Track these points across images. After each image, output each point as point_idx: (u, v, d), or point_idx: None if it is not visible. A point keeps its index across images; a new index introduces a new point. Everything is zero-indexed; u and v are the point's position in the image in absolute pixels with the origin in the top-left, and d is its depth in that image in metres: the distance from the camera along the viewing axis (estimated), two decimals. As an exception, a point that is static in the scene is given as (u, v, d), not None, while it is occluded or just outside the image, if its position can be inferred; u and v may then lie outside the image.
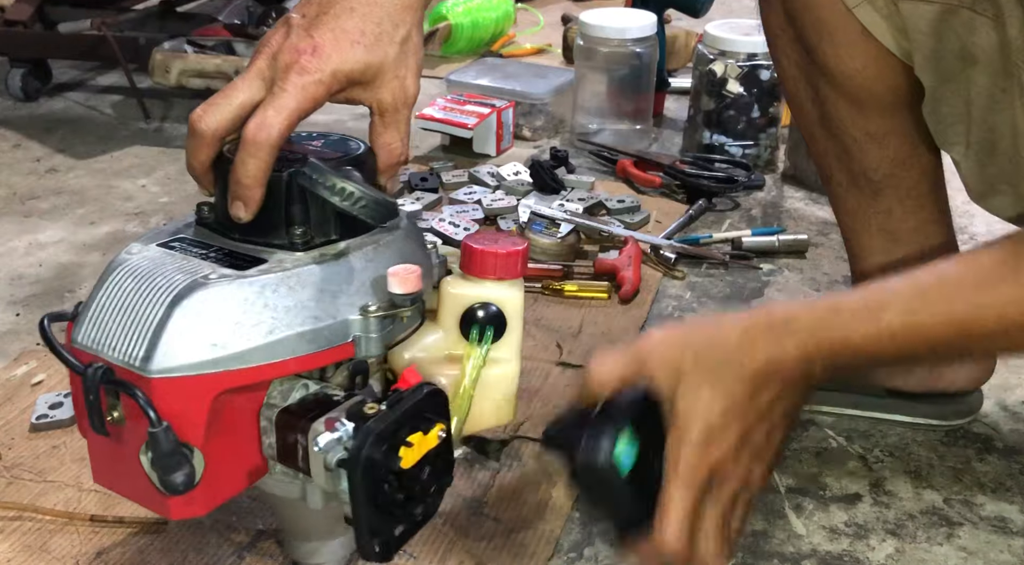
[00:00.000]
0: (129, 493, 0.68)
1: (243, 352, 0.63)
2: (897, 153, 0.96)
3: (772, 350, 0.67)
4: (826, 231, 1.45)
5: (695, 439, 0.66)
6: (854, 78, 0.92)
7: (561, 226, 1.37)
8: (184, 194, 1.59)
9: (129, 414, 0.63)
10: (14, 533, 0.88)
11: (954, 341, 0.67)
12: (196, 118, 0.67)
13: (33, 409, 1.03)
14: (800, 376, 0.68)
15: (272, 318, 0.64)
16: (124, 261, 0.66)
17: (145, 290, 0.64)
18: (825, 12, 0.90)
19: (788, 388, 0.68)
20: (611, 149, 1.67)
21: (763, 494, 0.94)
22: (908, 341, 0.66)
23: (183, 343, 0.62)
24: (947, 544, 0.89)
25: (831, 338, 0.67)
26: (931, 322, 0.66)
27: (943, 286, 0.67)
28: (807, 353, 0.67)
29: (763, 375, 0.67)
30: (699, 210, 1.49)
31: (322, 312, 0.65)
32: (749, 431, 0.67)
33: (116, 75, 2.09)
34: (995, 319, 0.64)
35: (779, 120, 1.65)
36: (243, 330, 0.63)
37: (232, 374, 0.63)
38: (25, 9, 1.94)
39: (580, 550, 0.88)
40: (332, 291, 0.66)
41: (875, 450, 1.01)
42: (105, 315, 0.64)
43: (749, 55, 1.58)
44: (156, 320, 0.62)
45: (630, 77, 1.72)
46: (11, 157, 1.75)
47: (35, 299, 1.29)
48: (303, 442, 0.64)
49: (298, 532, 0.79)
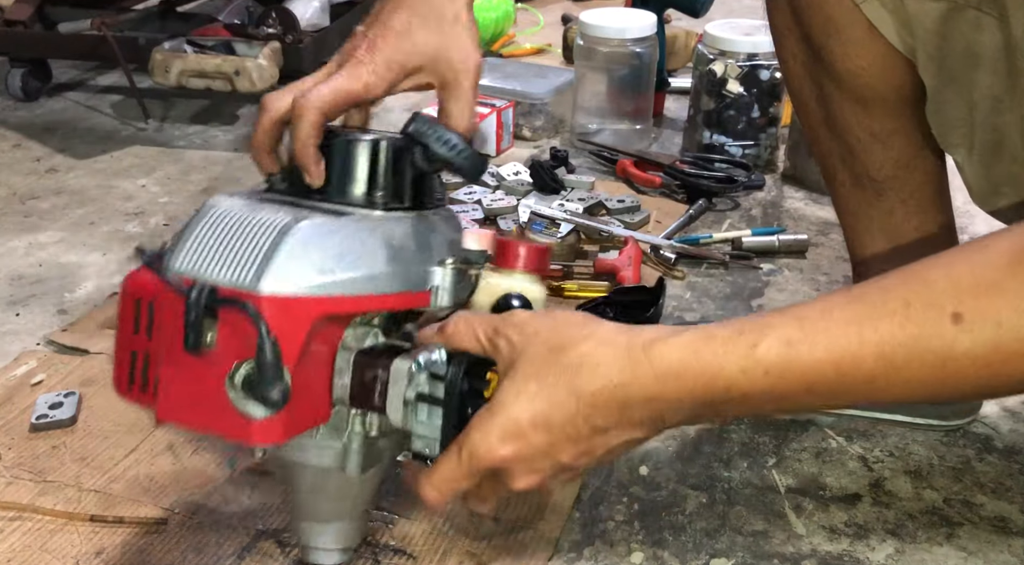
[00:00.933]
0: (204, 424, 0.68)
1: (345, 280, 0.67)
2: (901, 154, 0.96)
3: (618, 377, 0.62)
4: (826, 231, 1.45)
5: (494, 428, 0.64)
6: (860, 76, 0.92)
7: (561, 226, 1.37)
8: (184, 194, 1.59)
9: (223, 336, 0.65)
10: (14, 533, 0.88)
11: (832, 382, 0.59)
12: (265, 98, 0.75)
13: (33, 409, 1.03)
14: (652, 410, 0.62)
15: (370, 255, 0.69)
16: (220, 202, 0.69)
17: (251, 223, 0.67)
18: (833, 9, 0.90)
19: (629, 419, 0.63)
20: (611, 149, 1.67)
21: (763, 494, 0.94)
22: (783, 378, 0.59)
23: (291, 267, 0.65)
24: (947, 544, 0.89)
25: (698, 371, 0.60)
26: (807, 356, 0.58)
27: (825, 317, 0.59)
28: (663, 386, 0.61)
29: (602, 399, 0.62)
30: (699, 210, 1.49)
31: (410, 258, 0.71)
32: (553, 449, 0.64)
33: (116, 75, 2.09)
34: (873, 357, 0.57)
35: (779, 120, 1.65)
36: (346, 261, 0.67)
37: (334, 300, 0.67)
38: (25, 9, 1.94)
39: (580, 550, 0.88)
40: (417, 242, 0.72)
41: (875, 450, 1.01)
42: (206, 246, 0.67)
43: (749, 55, 1.58)
44: (266, 246, 0.65)
45: (630, 77, 1.72)
46: (11, 157, 1.75)
47: (35, 299, 1.29)
48: (383, 377, 0.69)
49: (314, 512, 0.77)
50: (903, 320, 0.57)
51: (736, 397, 0.61)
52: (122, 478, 0.94)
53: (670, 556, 0.87)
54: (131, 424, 1.02)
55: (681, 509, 0.92)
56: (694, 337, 0.61)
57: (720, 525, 0.90)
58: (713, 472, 0.97)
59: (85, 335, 1.18)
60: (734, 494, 0.94)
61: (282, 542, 0.87)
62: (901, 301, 0.57)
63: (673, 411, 0.63)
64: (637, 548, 0.88)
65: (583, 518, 0.91)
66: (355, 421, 0.73)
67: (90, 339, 1.17)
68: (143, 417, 1.03)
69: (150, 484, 0.94)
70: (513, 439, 0.63)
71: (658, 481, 0.96)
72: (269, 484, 0.93)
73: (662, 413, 0.63)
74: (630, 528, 0.90)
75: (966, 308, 0.56)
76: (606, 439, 0.64)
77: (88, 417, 1.03)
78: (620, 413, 0.62)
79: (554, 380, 0.63)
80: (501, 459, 0.64)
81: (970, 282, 0.56)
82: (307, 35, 1.88)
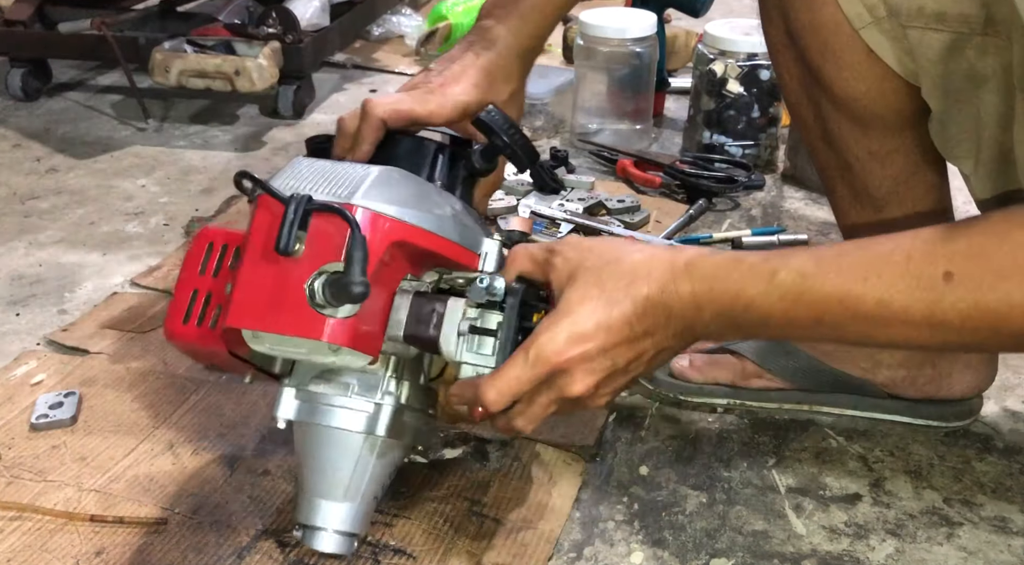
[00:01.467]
0: (278, 324, 0.72)
1: (419, 215, 0.75)
2: (900, 172, 0.95)
3: (666, 285, 0.69)
4: (826, 231, 1.45)
5: (562, 331, 0.70)
6: (859, 101, 0.91)
7: (561, 226, 1.37)
8: (184, 194, 1.59)
9: (312, 242, 0.71)
10: (14, 533, 0.88)
11: (838, 317, 0.66)
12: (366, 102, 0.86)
13: (33, 409, 1.03)
14: (686, 321, 0.70)
15: (438, 206, 0.78)
16: (304, 159, 0.79)
17: (338, 168, 0.77)
18: (830, 34, 0.88)
19: (669, 326, 0.70)
20: (611, 149, 1.67)
21: (763, 494, 0.94)
22: (795, 305, 0.67)
23: (378, 193, 0.74)
24: (947, 544, 0.89)
25: (724, 289, 0.68)
26: (819, 289, 0.66)
27: (840, 257, 0.67)
28: (697, 299, 0.69)
29: (650, 304, 0.69)
30: (699, 210, 1.49)
31: (466, 222, 0.81)
32: (612, 350, 0.70)
33: (116, 75, 2.09)
34: (874, 301, 0.65)
35: (779, 120, 1.65)
36: (422, 204, 0.76)
37: (412, 228, 0.75)
38: (25, 9, 1.94)
39: (580, 550, 0.88)
40: (470, 215, 0.83)
41: (875, 450, 1.01)
42: (303, 179, 0.75)
43: (749, 55, 1.58)
44: (357, 177, 0.75)
45: (630, 77, 1.71)
46: (11, 157, 1.75)
47: (35, 299, 1.29)
48: (440, 310, 0.76)
49: (328, 485, 0.78)
50: (903, 271, 0.64)
51: (755, 318, 0.68)
52: (122, 478, 0.94)
53: (670, 556, 0.87)
54: (131, 424, 1.02)
55: (681, 509, 0.92)
56: (726, 259, 0.70)
57: (720, 525, 0.91)
58: (713, 472, 0.97)
59: (85, 335, 1.18)
60: (734, 494, 0.94)
61: (282, 542, 0.87)
62: (904, 254, 0.65)
63: (703, 324, 0.70)
64: (637, 548, 0.88)
65: (583, 518, 0.91)
66: (390, 382, 0.79)
67: (90, 339, 1.17)
68: (143, 417, 1.03)
69: (150, 484, 0.94)
70: (579, 340, 0.70)
71: (658, 481, 0.96)
72: (269, 484, 0.93)
73: (693, 325, 0.70)
74: (630, 528, 0.90)
75: (956, 268, 0.63)
76: (654, 342, 0.71)
77: (88, 417, 1.03)
78: (665, 319, 0.70)
79: (612, 286, 0.70)
80: (567, 359, 0.70)
81: (964, 246, 0.64)
82: (307, 35, 1.88)
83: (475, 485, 0.94)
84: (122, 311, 1.23)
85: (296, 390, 0.79)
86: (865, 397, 1.03)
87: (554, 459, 0.97)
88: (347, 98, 2.02)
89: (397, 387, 0.79)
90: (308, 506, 0.79)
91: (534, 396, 0.73)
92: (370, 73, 2.17)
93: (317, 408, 0.78)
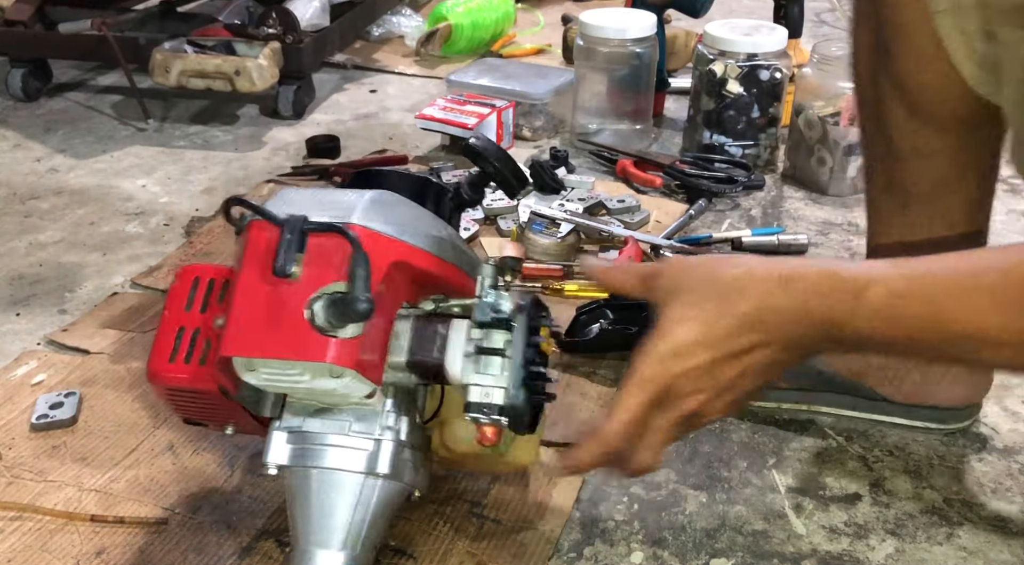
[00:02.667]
0: (277, 349, 0.70)
1: (416, 234, 0.75)
2: (941, 175, 0.93)
3: (764, 299, 0.68)
4: (826, 231, 1.45)
5: (661, 351, 0.69)
6: (918, 91, 0.89)
7: (561, 226, 1.37)
8: (184, 194, 1.59)
9: (310, 264, 0.70)
10: (14, 533, 0.88)
11: (930, 337, 0.65)
12: None
13: (33, 409, 1.03)
14: (788, 335, 0.69)
15: (434, 228, 0.78)
16: (291, 189, 0.78)
17: (332, 192, 0.77)
18: (909, 12, 0.86)
19: (774, 341, 0.69)
20: (611, 149, 1.67)
21: (763, 494, 0.94)
22: (887, 322, 0.65)
23: (375, 213, 0.73)
24: (947, 544, 0.89)
25: (817, 305, 0.67)
26: (910, 309, 0.65)
27: (933, 275, 0.65)
28: (795, 314, 0.68)
29: (748, 320, 0.68)
30: (699, 210, 1.49)
31: (462, 246, 0.82)
32: (717, 364, 0.69)
33: (116, 75, 2.09)
34: (967, 325, 0.63)
35: (779, 120, 1.65)
36: (419, 225, 0.77)
37: (411, 249, 0.74)
38: (25, 9, 1.94)
39: (580, 550, 0.88)
40: (464, 242, 0.83)
41: (875, 450, 1.01)
42: (295, 204, 0.74)
43: (749, 55, 1.58)
44: (350, 200, 0.74)
45: (630, 77, 1.71)
46: (11, 157, 1.75)
47: (35, 299, 1.29)
48: (443, 332, 0.75)
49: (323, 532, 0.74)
50: (996, 293, 0.62)
51: (850, 335, 0.67)
52: (122, 478, 0.94)
53: (670, 556, 0.87)
54: (131, 424, 1.02)
55: (681, 509, 0.92)
56: (819, 273, 0.68)
57: (720, 525, 0.91)
58: (713, 472, 0.97)
59: (85, 335, 1.18)
60: (734, 494, 0.94)
61: (282, 542, 0.87)
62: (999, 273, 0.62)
63: (809, 338, 0.69)
64: (637, 548, 0.88)
65: (583, 518, 0.91)
66: (389, 416, 0.76)
67: (90, 339, 1.17)
68: (143, 417, 1.03)
69: (150, 484, 0.94)
70: (679, 357, 0.69)
71: (658, 481, 0.96)
72: (269, 484, 0.93)
73: (799, 339, 0.69)
74: (630, 528, 0.90)
75: None
76: (759, 357, 0.70)
77: (88, 417, 1.03)
78: (767, 333, 0.69)
79: (712, 304, 0.69)
80: (671, 376, 0.69)
81: None
82: (307, 35, 1.88)
83: (475, 486, 0.94)
84: (122, 311, 1.23)
85: (287, 433, 0.75)
86: (860, 398, 1.03)
87: (554, 459, 0.97)
88: (347, 98, 2.02)
89: (396, 421, 0.76)
90: (302, 559, 0.74)
91: (650, 422, 0.71)
92: (370, 73, 2.17)
93: (311, 450, 0.74)
